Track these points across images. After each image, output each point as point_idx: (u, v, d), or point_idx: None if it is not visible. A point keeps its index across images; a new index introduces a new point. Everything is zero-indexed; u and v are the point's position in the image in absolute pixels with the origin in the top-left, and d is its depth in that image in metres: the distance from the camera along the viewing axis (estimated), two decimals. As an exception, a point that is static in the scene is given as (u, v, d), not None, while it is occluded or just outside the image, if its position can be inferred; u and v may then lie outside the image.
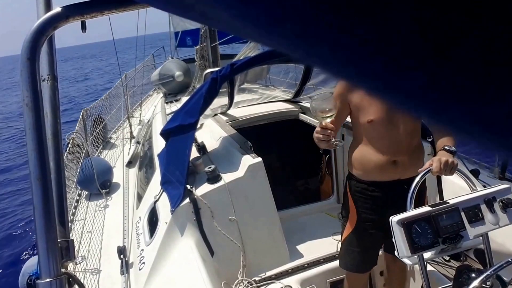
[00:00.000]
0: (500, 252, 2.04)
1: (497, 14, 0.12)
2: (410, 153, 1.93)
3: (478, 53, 0.13)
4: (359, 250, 2.10)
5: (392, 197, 1.94)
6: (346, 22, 0.15)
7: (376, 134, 1.90)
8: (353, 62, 0.17)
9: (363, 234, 2.07)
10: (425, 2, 0.13)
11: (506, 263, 1.36)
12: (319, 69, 0.19)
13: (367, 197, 2.01)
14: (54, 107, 0.98)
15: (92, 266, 2.74)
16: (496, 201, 1.59)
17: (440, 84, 0.15)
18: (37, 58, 0.83)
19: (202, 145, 2.92)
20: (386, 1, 0.13)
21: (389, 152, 1.90)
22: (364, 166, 1.98)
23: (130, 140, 5.48)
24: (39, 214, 0.85)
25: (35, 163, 0.85)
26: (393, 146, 1.90)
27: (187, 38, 7.88)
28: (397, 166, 1.92)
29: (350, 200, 2.10)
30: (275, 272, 2.43)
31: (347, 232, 2.13)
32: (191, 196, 2.33)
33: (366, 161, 1.96)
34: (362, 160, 1.98)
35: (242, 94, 4.10)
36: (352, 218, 2.09)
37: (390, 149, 1.90)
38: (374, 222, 2.02)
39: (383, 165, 1.92)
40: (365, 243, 2.09)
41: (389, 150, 1.90)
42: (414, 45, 0.14)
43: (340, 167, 3.30)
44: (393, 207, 1.92)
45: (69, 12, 0.85)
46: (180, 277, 2.09)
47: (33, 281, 2.47)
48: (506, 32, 0.12)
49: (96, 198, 4.02)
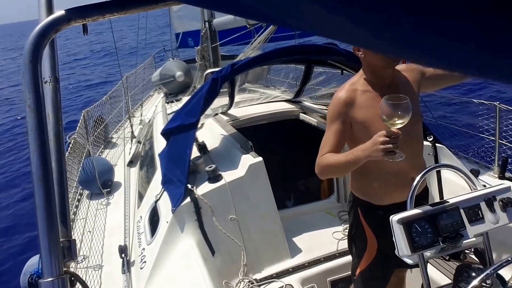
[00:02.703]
0: (500, 251, 2.05)
1: None
2: (422, 166, 1.76)
3: None
4: (381, 280, 1.92)
5: None
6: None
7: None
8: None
9: (384, 262, 1.84)
10: None
11: (506, 262, 1.36)
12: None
13: (387, 222, 1.59)
14: (56, 109, 0.99)
15: (93, 265, 2.75)
16: (496, 200, 1.60)
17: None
18: (39, 60, 0.84)
19: (203, 144, 2.93)
20: None
21: (407, 168, 1.69)
22: (383, 188, 1.76)
23: (131, 139, 5.49)
24: (41, 214, 0.86)
25: (37, 164, 0.86)
26: (409, 160, 1.63)
27: (188, 39, 7.90)
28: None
29: (367, 230, 1.84)
30: (275, 271, 2.44)
31: (365, 264, 1.89)
32: (192, 195, 2.34)
33: (384, 184, 1.75)
34: (379, 184, 1.76)
35: (242, 94, 4.11)
36: (371, 247, 1.85)
37: (408, 165, 1.67)
38: (393, 246, 1.69)
39: (403, 185, 1.68)
40: (386, 271, 1.90)
41: (407, 166, 1.67)
42: None
43: None
44: None
45: (71, 15, 0.86)
46: (181, 276, 2.10)
47: (34, 280, 2.47)
48: None
49: (98, 197, 4.04)
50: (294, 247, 2.63)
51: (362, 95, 1.70)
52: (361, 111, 1.67)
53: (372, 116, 1.63)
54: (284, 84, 4.75)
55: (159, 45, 10.51)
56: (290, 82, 4.57)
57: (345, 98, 1.69)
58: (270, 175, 2.52)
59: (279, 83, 5.07)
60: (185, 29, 7.92)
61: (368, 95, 1.69)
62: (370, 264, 1.89)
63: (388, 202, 1.78)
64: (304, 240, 2.74)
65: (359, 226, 1.88)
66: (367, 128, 1.65)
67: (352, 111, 1.69)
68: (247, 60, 2.96)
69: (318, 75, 3.64)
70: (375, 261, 1.86)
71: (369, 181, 1.79)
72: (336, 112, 1.71)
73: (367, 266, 1.90)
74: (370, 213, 1.83)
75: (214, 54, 5.71)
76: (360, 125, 1.68)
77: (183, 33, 8.07)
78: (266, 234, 2.50)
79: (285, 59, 3.24)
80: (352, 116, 1.69)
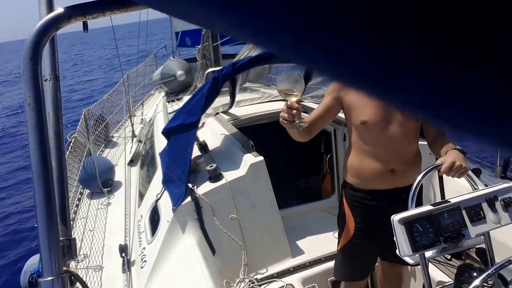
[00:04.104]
0: (501, 251, 2.04)
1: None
2: (407, 161, 1.85)
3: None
4: (356, 261, 2.05)
5: (390, 206, 1.80)
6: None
7: (370, 138, 1.81)
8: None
9: (361, 244, 1.99)
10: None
11: (507, 262, 1.35)
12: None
13: (365, 206, 1.93)
14: (56, 107, 0.99)
15: (94, 264, 2.75)
16: (498, 200, 1.59)
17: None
18: (39, 58, 0.84)
19: (203, 143, 2.92)
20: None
21: (386, 159, 1.82)
22: (361, 174, 1.89)
23: (132, 138, 5.49)
24: (41, 212, 0.86)
25: (37, 162, 0.86)
26: (389, 152, 1.81)
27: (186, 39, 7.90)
28: (395, 175, 1.84)
29: (346, 209, 2.01)
30: (276, 271, 2.44)
31: (344, 242, 2.05)
32: (192, 194, 2.34)
33: (362, 168, 1.88)
34: (359, 167, 1.89)
35: (243, 93, 4.10)
36: (349, 227, 2.01)
37: (386, 156, 1.81)
38: (371, 231, 1.95)
39: (380, 174, 1.84)
40: (363, 254, 2.03)
41: (385, 157, 1.81)
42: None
43: (341, 165, 3.30)
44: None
45: (71, 12, 0.86)
46: (182, 275, 2.10)
47: (34, 279, 2.47)
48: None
49: (98, 196, 4.04)
50: (295, 246, 2.63)
51: None
52: (352, 95, 1.83)
53: (360, 102, 1.80)
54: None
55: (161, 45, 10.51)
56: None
57: None
58: (271, 174, 2.52)
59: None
60: (184, 28, 7.92)
61: None
62: (347, 242, 2.02)
63: (365, 187, 1.91)
64: (305, 239, 2.74)
65: (341, 205, 2.06)
66: (353, 110, 1.83)
67: (344, 93, 1.85)
68: (248, 59, 2.96)
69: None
70: (352, 240, 1.99)
71: (351, 164, 1.93)
72: (331, 88, 1.91)
73: (345, 244, 2.04)
74: (350, 193, 1.98)
75: (215, 53, 5.70)
76: (348, 107, 1.85)
77: (182, 32, 8.07)
78: (267, 233, 2.50)
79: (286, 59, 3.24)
80: (343, 97, 1.85)
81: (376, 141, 1.81)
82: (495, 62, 0.13)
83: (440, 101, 0.15)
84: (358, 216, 1.96)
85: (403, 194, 1.77)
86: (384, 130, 1.78)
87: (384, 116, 1.78)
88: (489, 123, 0.15)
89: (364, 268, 2.10)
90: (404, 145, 1.83)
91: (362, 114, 1.78)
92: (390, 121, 1.78)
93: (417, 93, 0.16)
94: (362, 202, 1.93)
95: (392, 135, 1.79)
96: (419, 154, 1.94)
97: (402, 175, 1.84)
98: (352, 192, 1.96)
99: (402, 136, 1.80)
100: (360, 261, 2.06)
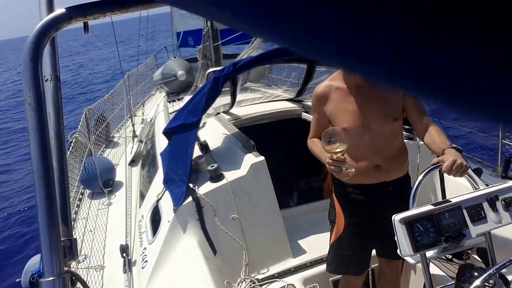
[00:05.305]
0: (502, 250, 2.04)
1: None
2: (392, 157, 1.92)
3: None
4: (348, 254, 2.07)
5: (378, 199, 1.94)
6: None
7: (353, 141, 1.83)
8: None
9: (352, 237, 2.03)
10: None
11: (508, 262, 1.35)
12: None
13: (353, 201, 2.00)
14: (57, 107, 0.99)
15: (94, 265, 2.75)
16: (499, 199, 1.59)
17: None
18: (39, 58, 0.84)
19: (204, 144, 2.92)
20: None
21: (370, 158, 1.89)
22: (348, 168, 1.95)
23: (133, 139, 5.49)
24: (42, 213, 0.86)
25: (38, 162, 0.86)
26: (373, 151, 1.88)
27: (188, 38, 7.90)
28: (380, 170, 1.90)
29: (336, 204, 2.08)
30: (277, 271, 2.43)
31: (335, 236, 2.09)
32: (193, 194, 2.34)
33: (350, 163, 1.91)
34: (348, 161, 1.91)
35: (244, 93, 4.10)
36: (339, 222, 2.06)
37: (370, 155, 1.89)
38: (362, 225, 2.01)
39: (366, 170, 1.90)
40: (354, 247, 2.05)
41: (369, 156, 1.89)
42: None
43: None
44: (380, 210, 1.95)
45: (72, 13, 0.86)
46: (183, 275, 2.10)
47: (35, 280, 2.48)
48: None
49: (99, 196, 4.04)
50: (296, 246, 2.63)
51: (335, 91, 1.94)
52: (331, 105, 1.94)
53: (339, 111, 1.91)
54: (286, 83, 4.73)
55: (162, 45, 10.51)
56: (292, 81, 4.56)
57: (319, 93, 1.98)
58: (272, 174, 2.52)
59: (281, 82, 5.07)
60: (186, 28, 7.92)
61: (340, 92, 1.92)
62: (339, 237, 2.07)
63: (352, 182, 1.96)
64: (306, 239, 2.73)
65: (332, 200, 2.13)
66: (334, 119, 1.94)
67: (324, 105, 1.96)
68: (249, 59, 2.96)
69: (320, 74, 3.63)
70: (344, 234, 2.05)
71: None
72: (313, 105, 2.05)
73: (337, 238, 2.08)
74: (338, 188, 2.07)
75: (216, 53, 5.71)
76: (330, 117, 1.96)
77: (184, 32, 8.08)
78: (268, 233, 2.50)
79: (287, 58, 3.24)
80: (324, 109, 1.97)
81: (359, 143, 1.87)
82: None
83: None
84: (347, 211, 2.04)
85: (389, 188, 1.91)
86: (364, 134, 1.87)
87: (362, 121, 1.86)
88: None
89: (356, 261, 2.10)
90: (386, 143, 1.90)
91: (342, 121, 1.89)
92: (369, 124, 1.86)
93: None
94: (351, 197, 2.01)
95: (373, 137, 1.87)
96: (404, 149, 2.00)
97: (388, 170, 1.91)
98: (341, 187, 2.04)
99: (382, 136, 1.88)
100: (351, 253, 2.07)
